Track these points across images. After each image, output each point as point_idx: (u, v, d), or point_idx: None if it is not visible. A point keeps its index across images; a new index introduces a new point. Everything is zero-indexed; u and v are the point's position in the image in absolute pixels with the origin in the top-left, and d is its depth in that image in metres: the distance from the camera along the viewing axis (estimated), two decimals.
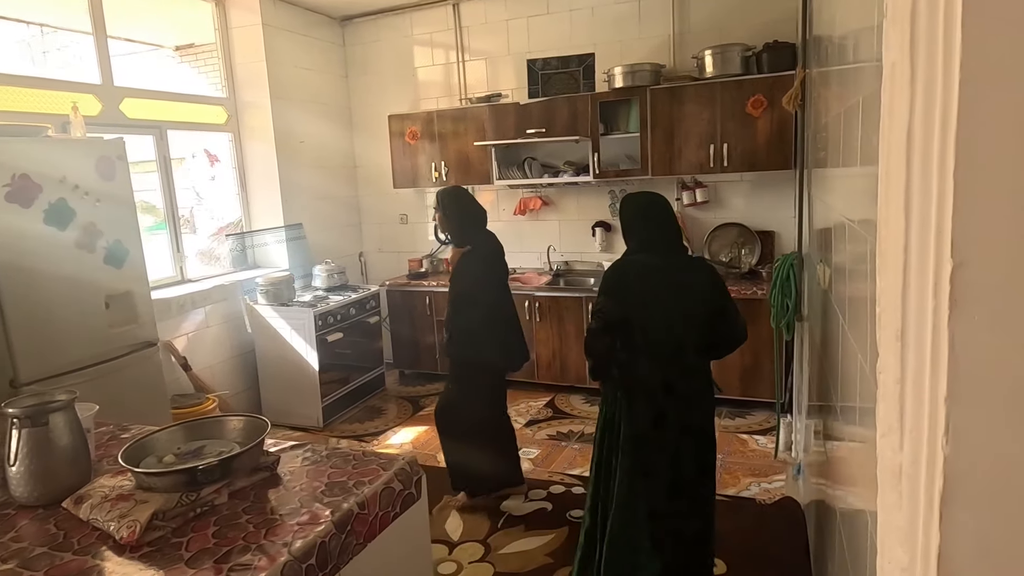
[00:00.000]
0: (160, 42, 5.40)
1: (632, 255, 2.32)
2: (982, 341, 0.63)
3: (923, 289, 0.68)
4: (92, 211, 2.94)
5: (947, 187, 0.64)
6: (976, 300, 0.63)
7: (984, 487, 0.66)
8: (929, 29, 0.64)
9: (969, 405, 0.65)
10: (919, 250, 0.68)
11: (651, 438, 2.22)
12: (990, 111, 0.60)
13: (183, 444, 1.43)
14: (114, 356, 3.06)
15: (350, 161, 5.71)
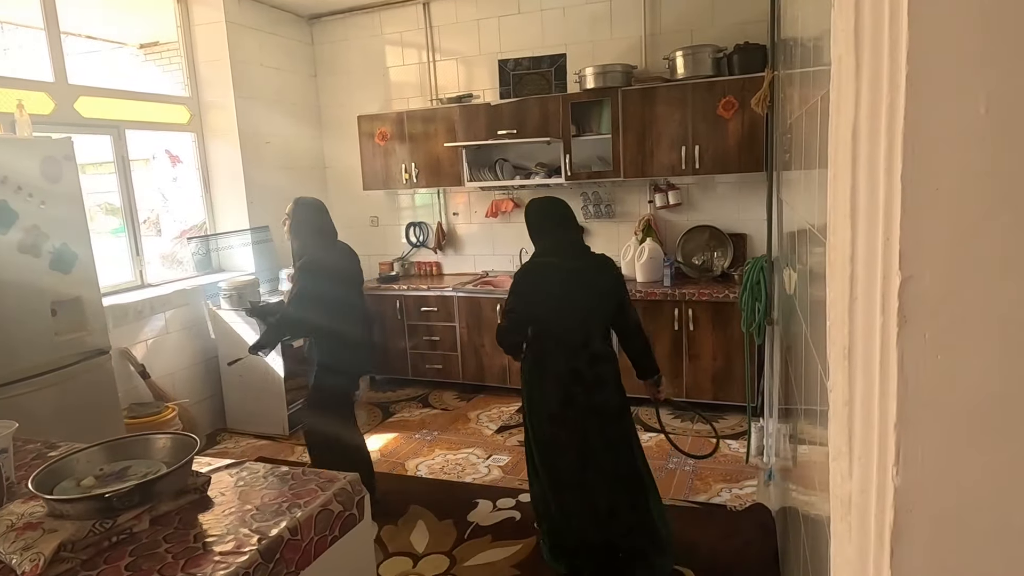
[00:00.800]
0: (123, 40, 5.25)
1: (540, 257, 2.54)
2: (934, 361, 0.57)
3: (871, 303, 0.62)
4: (37, 213, 2.81)
5: (894, 191, 0.58)
6: (927, 316, 0.56)
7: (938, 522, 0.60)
8: (874, 17, 0.58)
9: (921, 431, 0.59)
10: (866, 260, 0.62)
11: (561, 417, 2.51)
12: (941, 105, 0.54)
13: (106, 465, 1.33)
14: (63, 365, 2.93)
15: (319, 162, 5.60)
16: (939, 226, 0.56)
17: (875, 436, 0.62)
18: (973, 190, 0.55)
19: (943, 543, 0.61)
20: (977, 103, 0.54)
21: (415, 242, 5.42)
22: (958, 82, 0.54)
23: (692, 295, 4.15)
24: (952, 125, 0.54)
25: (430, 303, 4.90)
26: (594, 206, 4.78)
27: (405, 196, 5.46)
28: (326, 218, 3.31)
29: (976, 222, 0.55)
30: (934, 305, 0.57)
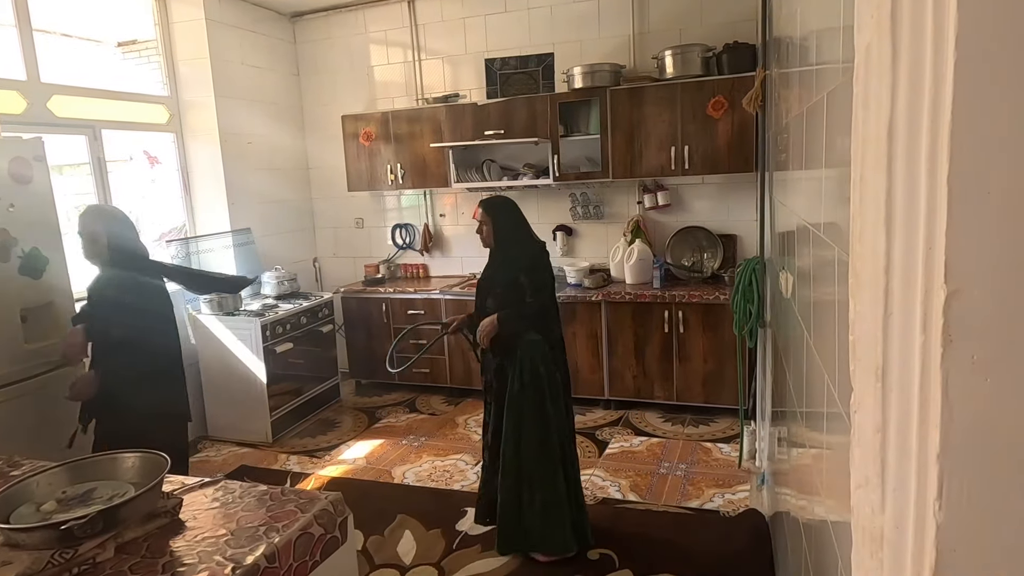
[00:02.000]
0: (100, 38, 5.12)
1: (537, 244, 2.85)
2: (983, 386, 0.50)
3: (909, 320, 0.56)
4: (5, 217, 2.70)
5: (939, 194, 0.51)
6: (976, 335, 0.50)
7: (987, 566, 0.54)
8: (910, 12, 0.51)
9: (968, 464, 0.52)
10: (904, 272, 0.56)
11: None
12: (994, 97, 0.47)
13: (69, 487, 1.24)
14: (34, 374, 2.82)
15: (302, 163, 5.49)
16: (991, 234, 0.50)
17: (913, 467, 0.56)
18: None
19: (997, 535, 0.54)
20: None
21: (401, 244, 5.33)
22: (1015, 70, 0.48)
23: (682, 297, 4.10)
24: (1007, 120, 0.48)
25: (417, 306, 4.82)
26: (582, 207, 4.72)
27: (391, 197, 5.37)
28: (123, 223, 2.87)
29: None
30: (984, 323, 0.50)
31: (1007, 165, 0.49)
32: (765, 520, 2.94)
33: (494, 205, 2.84)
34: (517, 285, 2.73)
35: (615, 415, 4.37)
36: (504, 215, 2.80)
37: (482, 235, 2.82)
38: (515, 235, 2.80)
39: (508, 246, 2.78)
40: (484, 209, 2.82)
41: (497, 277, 2.80)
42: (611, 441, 3.98)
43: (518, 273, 2.73)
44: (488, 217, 2.79)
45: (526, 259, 2.76)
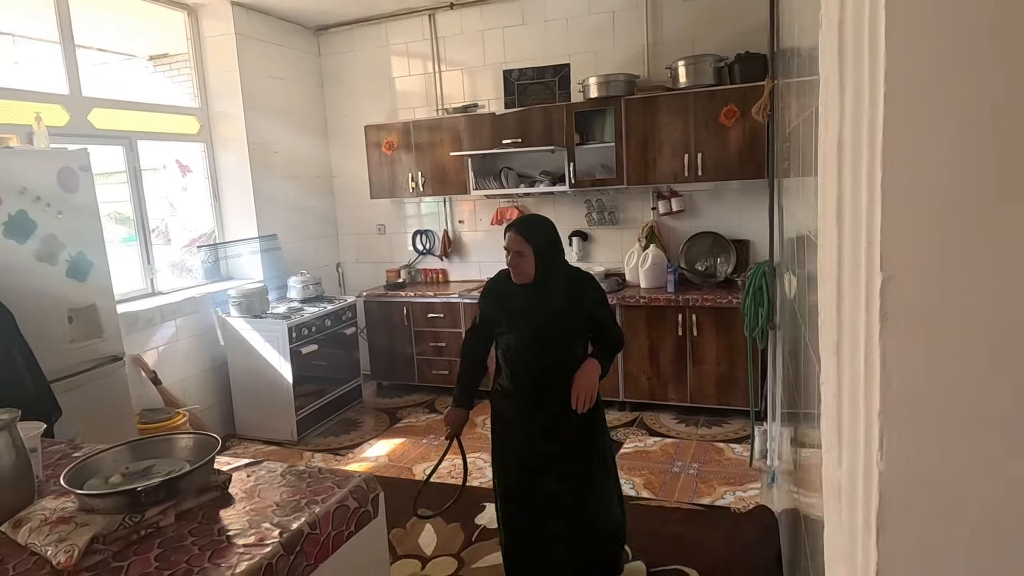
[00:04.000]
0: (133, 52, 5.34)
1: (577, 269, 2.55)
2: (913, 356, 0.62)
3: (856, 302, 0.67)
4: (54, 223, 2.88)
5: (876, 198, 0.63)
6: (907, 314, 0.62)
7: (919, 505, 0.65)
8: (856, 42, 0.64)
9: (903, 421, 0.64)
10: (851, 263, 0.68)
11: None
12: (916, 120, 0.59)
13: (131, 464, 1.39)
14: (78, 371, 2.99)
15: (326, 171, 5.67)
16: (917, 230, 0.61)
17: (862, 426, 0.67)
18: (948, 197, 0.60)
19: (924, 524, 0.66)
20: (951, 119, 0.59)
21: (421, 250, 5.49)
22: (933, 100, 0.59)
23: (696, 300, 4.20)
24: (928, 139, 0.60)
25: (436, 310, 4.96)
26: (597, 213, 4.84)
27: (411, 204, 5.53)
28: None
29: (951, 226, 0.60)
30: (913, 303, 0.62)
31: (929, 174, 0.61)
32: (774, 516, 3.03)
33: (533, 230, 2.28)
34: (589, 321, 2.36)
35: (630, 416, 4.47)
36: (546, 242, 2.30)
37: (517, 268, 2.26)
38: (557, 262, 2.34)
39: (550, 276, 2.31)
40: (522, 236, 2.25)
41: (555, 320, 2.30)
42: (626, 441, 4.08)
43: (591, 309, 2.35)
44: (529, 246, 2.24)
45: (589, 290, 2.38)
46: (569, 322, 2.32)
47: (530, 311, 2.30)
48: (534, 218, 2.42)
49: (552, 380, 2.32)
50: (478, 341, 2.49)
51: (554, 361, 2.32)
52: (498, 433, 2.50)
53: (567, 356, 2.33)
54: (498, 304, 2.39)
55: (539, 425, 2.35)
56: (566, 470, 2.36)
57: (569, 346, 2.34)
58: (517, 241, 2.25)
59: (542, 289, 2.29)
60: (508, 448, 2.45)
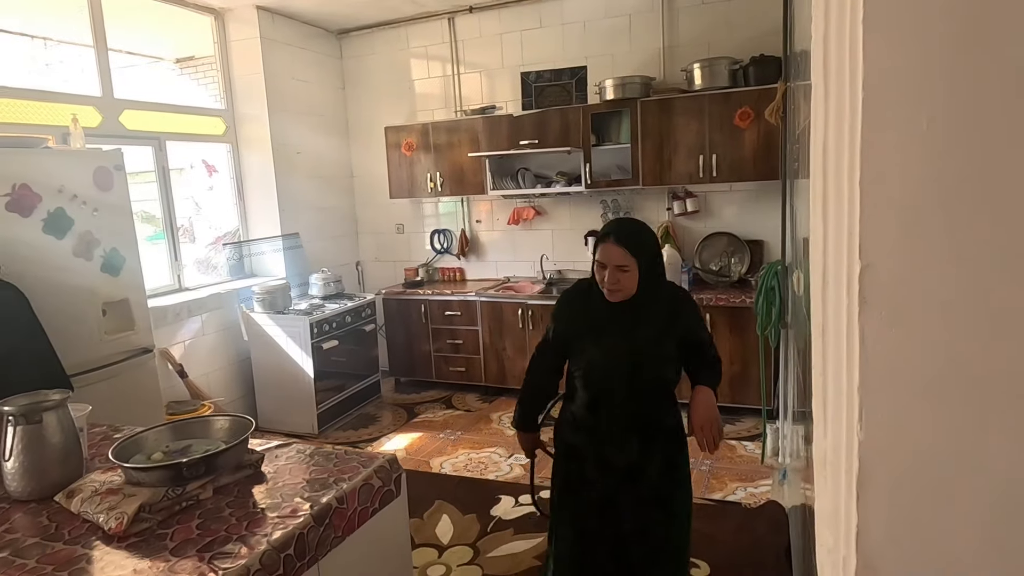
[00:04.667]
0: (161, 55, 5.50)
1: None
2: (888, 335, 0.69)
3: (839, 288, 0.75)
4: (90, 220, 3.01)
5: (855, 194, 0.70)
6: (882, 297, 0.69)
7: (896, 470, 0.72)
8: (838, 54, 0.71)
9: (879, 394, 0.71)
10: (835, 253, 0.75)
11: None
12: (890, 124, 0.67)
13: (171, 443, 1.49)
14: (111, 362, 3.12)
15: (347, 172, 5.79)
16: (891, 223, 0.68)
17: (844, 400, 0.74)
18: (918, 193, 0.67)
19: (901, 488, 0.73)
20: (920, 122, 0.66)
21: (439, 249, 5.58)
22: (904, 106, 0.66)
23: (709, 300, 4.25)
24: (899, 141, 0.67)
25: (454, 308, 5.05)
26: (613, 213, 4.91)
27: (430, 204, 5.63)
28: None
29: (922, 219, 0.67)
30: (888, 288, 0.69)
31: (901, 172, 0.68)
32: (785, 512, 3.08)
33: (639, 241, 1.94)
34: (684, 345, 2.02)
35: None
36: (652, 255, 1.97)
37: (617, 285, 1.90)
38: (660, 276, 2.01)
39: (651, 293, 1.96)
40: (627, 248, 1.88)
41: (651, 343, 1.97)
42: None
43: (689, 331, 2.03)
44: (634, 260, 1.89)
45: (688, 308, 2.07)
46: (665, 346, 1.97)
47: (622, 331, 1.96)
48: (636, 226, 2.00)
49: (640, 411, 2.00)
50: (549, 359, 2.16)
51: (645, 390, 1.99)
52: (566, 467, 2.16)
53: (658, 385, 2.02)
54: (577, 319, 2.04)
55: (621, 461, 2.02)
56: (648, 512, 2.06)
57: (662, 373, 2.00)
58: (620, 255, 1.86)
59: (639, 307, 1.94)
60: (580, 485, 2.11)
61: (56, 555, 1.18)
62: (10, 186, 2.73)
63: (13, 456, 1.35)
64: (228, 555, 1.14)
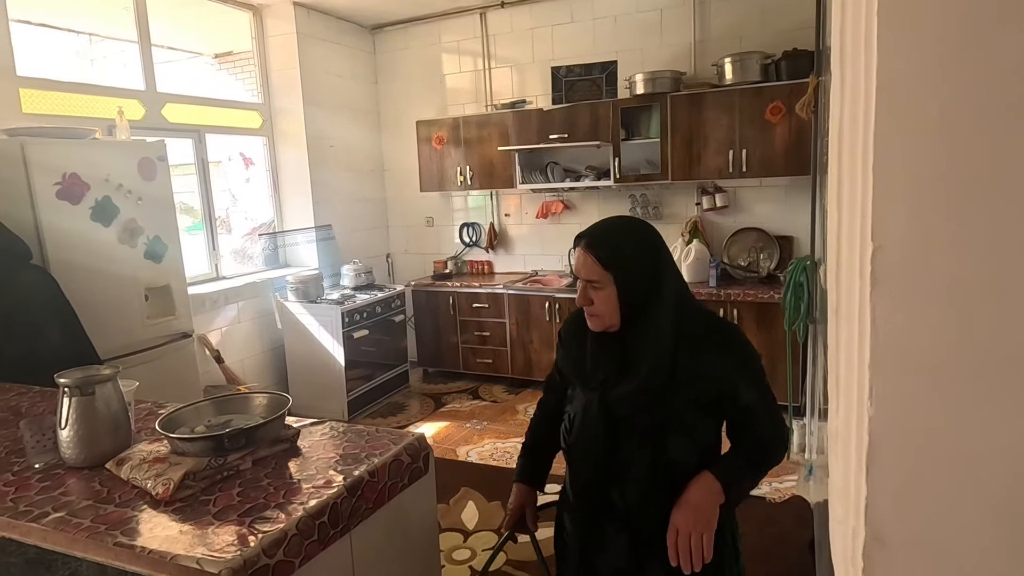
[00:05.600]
0: (200, 50, 5.65)
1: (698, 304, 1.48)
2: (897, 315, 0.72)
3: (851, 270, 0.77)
4: (134, 209, 3.13)
5: (868, 179, 0.73)
6: (892, 279, 0.72)
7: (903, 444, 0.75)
8: (854, 46, 0.74)
9: (889, 371, 0.74)
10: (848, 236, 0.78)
11: None
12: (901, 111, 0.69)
13: (213, 417, 1.57)
14: (152, 346, 3.25)
15: (378, 165, 5.89)
16: (902, 206, 0.71)
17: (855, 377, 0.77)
18: (927, 178, 0.70)
19: (908, 462, 0.75)
20: (930, 110, 0.69)
21: (468, 242, 5.65)
22: (915, 94, 0.69)
23: (737, 295, 4.24)
24: (910, 128, 0.69)
25: (481, 300, 5.11)
26: (642, 208, 4.91)
27: (459, 198, 5.69)
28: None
29: (931, 203, 0.70)
30: (898, 269, 0.72)
31: (911, 158, 0.71)
32: (809, 507, 3.08)
33: (614, 244, 1.39)
34: (723, 409, 1.40)
35: None
36: (637, 264, 1.38)
37: (590, 309, 1.40)
38: (661, 299, 1.36)
39: (647, 323, 1.36)
40: (593, 254, 1.37)
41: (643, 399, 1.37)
42: None
43: (730, 388, 1.37)
44: (606, 273, 1.36)
45: (729, 355, 1.39)
46: (661, 411, 1.36)
47: (605, 377, 1.41)
48: (619, 227, 1.44)
49: (626, 502, 1.41)
50: (550, 396, 1.69)
51: (631, 470, 1.39)
52: (557, 560, 1.62)
53: (658, 468, 1.37)
54: (572, 350, 1.51)
55: (607, 568, 1.47)
56: None
57: (660, 453, 1.37)
58: (588, 266, 1.37)
59: (630, 344, 1.38)
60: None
61: (108, 516, 1.26)
62: (60, 175, 2.85)
63: (68, 425, 1.45)
64: (267, 520, 1.21)
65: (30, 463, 1.52)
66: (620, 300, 1.36)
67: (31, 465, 1.51)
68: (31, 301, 2.61)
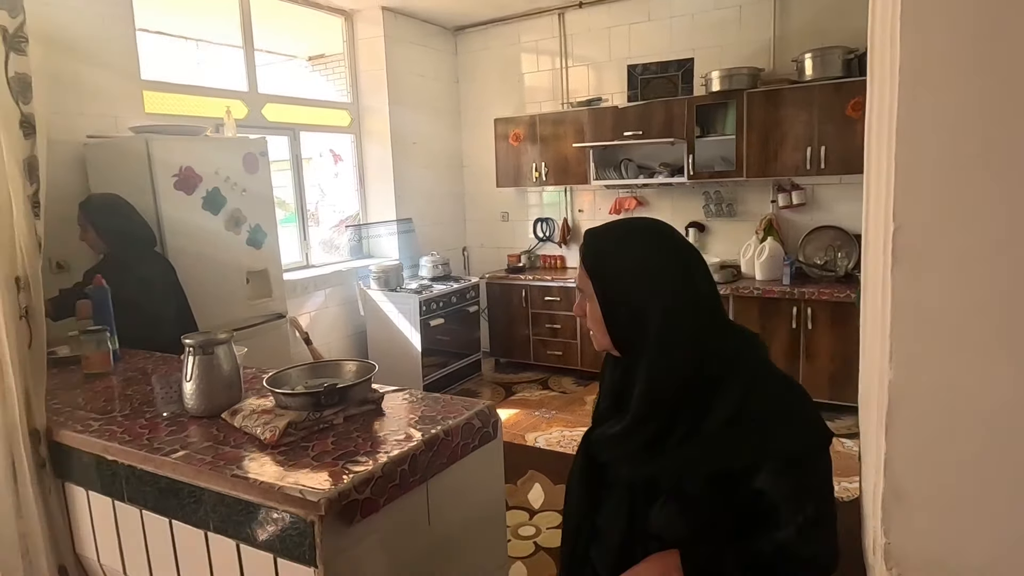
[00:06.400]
0: (295, 53, 6.04)
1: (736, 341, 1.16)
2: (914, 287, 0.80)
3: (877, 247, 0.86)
4: (239, 199, 3.45)
5: (892, 166, 0.82)
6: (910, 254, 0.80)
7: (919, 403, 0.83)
8: (880, 46, 0.82)
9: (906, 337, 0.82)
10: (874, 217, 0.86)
11: None
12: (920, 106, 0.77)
13: (310, 379, 1.78)
14: (251, 324, 3.56)
15: (457, 161, 6.12)
16: (918, 191, 0.80)
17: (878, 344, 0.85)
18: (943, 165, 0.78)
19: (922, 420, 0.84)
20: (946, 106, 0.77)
21: (542, 236, 5.79)
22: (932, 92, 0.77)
23: (812, 294, 4.19)
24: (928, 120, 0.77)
25: (553, 293, 5.25)
26: (715, 205, 4.92)
27: (534, 193, 5.85)
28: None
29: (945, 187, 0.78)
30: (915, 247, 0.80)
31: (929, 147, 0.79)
32: None
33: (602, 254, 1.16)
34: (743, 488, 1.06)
35: None
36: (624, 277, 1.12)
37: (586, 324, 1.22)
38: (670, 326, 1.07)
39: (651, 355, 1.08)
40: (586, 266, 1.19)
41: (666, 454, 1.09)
42: None
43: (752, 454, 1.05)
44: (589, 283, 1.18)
45: (762, 428, 1.05)
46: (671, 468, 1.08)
47: (601, 411, 1.26)
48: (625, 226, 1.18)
49: (596, 569, 1.21)
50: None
51: (606, 533, 1.18)
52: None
53: (639, 538, 1.13)
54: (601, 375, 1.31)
55: None
56: None
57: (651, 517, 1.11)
58: (581, 272, 1.19)
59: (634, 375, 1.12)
60: None
61: (225, 455, 1.48)
62: (177, 168, 3.19)
63: (192, 379, 1.69)
64: (357, 463, 1.39)
65: (159, 411, 1.78)
66: (604, 320, 1.13)
67: (160, 413, 1.77)
68: (154, 281, 2.94)
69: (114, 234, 2.89)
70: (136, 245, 2.93)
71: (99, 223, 2.88)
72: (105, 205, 2.94)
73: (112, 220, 2.90)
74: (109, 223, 2.89)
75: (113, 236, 2.88)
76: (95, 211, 2.89)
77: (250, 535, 1.39)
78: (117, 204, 2.95)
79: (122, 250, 2.87)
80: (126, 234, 2.91)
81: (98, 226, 2.88)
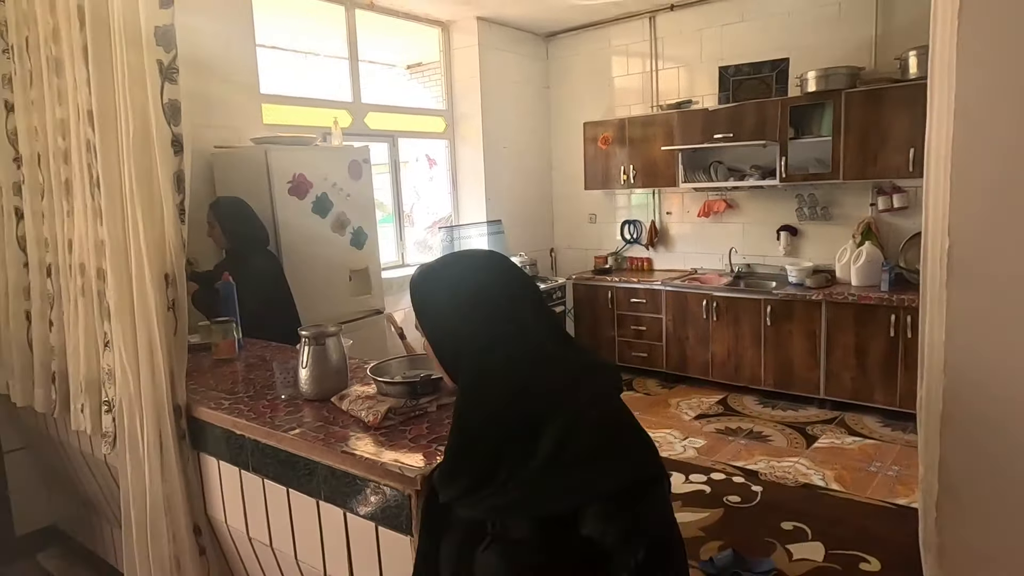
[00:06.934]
0: (394, 62, 6.36)
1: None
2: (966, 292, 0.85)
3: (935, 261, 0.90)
4: (344, 203, 3.73)
5: (947, 184, 0.87)
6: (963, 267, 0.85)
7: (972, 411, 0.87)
8: (939, 74, 0.86)
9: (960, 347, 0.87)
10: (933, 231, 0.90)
11: None
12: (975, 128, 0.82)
13: (408, 370, 1.96)
14: (352, 319, 3.83)
15: (546, 164, 6.26)
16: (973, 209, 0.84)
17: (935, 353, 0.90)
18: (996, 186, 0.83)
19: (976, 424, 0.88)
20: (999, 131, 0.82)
21: (629, 238, 5.84)
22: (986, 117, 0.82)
23: (911, 302, 4.03)
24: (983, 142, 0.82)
25: (639, 295, 5.29)
26: (808, 208, 4.80)
27: (622, 196, 5.89)
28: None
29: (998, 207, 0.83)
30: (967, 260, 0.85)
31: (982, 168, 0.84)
32: None
33: (416, 286, 1.22)
34: (570, 542, 1.01)
35: (830, 415, 4.42)
36: (429, 319, 1.20)
37: None
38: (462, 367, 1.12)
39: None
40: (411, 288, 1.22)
41: (496, 496, 1.02)
42: (821, 436, 4.09)
43: (577, 495, 0.99)
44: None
45: (582, 459, 0.99)
46: (499, 509, 1.04)
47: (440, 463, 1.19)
48: (435, 266, 1.23)
49: None
50: None
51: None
52: None
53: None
54: None
55: None
56: None
57: (476, 562, 1.08)
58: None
59: None
60: None
61: (335, 433, 1.68)
62: (291, 175, 3.49)
63: (307, 367, 1.90)
64: None
65: (278, 394, 2.01)
66: (434, 353, 1.16)
67: (279, 395, 2.00)
68: (264, 276, 3.25)
69: (235, 232, 3.22)
70: (252, 243, 3.25)
71: (225, 222, 3.21)
72: (231, 206, 3.28)
73: (235, 220, 3.23)
74: (233, 222, 3.22)
75: (234, 234, 3.22)
76: (223, 211, 3.23)
77: (355, 505, 1.57)
78: (241, 206, 3.27)
79: (241, 247, 3.20)
80: (245, 233, 3.23)
81: (224, 224, 3.21)
